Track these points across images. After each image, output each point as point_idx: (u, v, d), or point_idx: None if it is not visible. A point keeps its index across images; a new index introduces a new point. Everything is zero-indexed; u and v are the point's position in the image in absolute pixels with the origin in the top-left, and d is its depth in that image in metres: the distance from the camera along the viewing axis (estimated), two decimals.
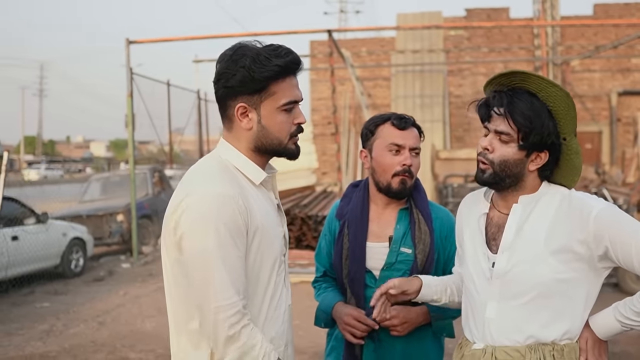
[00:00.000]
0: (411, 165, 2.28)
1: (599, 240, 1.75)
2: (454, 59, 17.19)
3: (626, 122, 16.70)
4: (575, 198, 1.83)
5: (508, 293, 1.83)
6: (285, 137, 1.81)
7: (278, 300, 1.82)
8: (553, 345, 1.80)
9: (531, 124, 1.76)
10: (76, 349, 6.06)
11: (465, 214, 2.05)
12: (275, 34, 10.93)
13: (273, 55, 1.73)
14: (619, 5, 16.50)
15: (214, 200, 1.65)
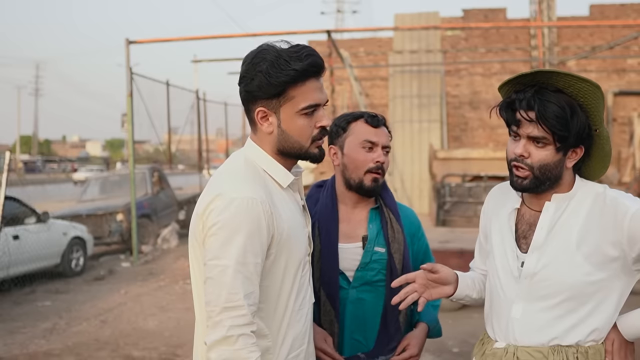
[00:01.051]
0: (383, 163, 2.27)
1: (633, 242, 1.69)
2: (451, 59, 17.23)
3: (622, 122, 16.75)
4: (609, 197, 1.76)
5: (536, 294, 1.78)
6: (306, 141, 1.80)
7: (303, 299, 1.85)
8: (577, 347, 1.75)
9: (567, 125, 1.69)
10: (79, 347, 6.11)
11: (494, 207, 1.98)
12: (274, 34, 10.98)
13: (293, 59, 1.72)
14: (614, 6, 16.54)
15: (241, 204, 1.67)
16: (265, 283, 1.73)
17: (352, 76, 13.29)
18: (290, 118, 1.77)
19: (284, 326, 1.78)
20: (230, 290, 1.63)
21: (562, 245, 1.76)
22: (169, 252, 12.00)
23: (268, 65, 1.71)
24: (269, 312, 1.76)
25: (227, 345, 1.62)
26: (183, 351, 5.91)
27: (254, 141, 1.85)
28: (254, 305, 1.67)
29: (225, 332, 1.62)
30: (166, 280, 9.29)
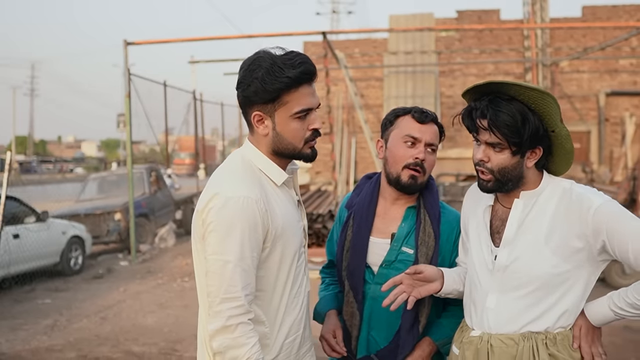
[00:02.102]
0: (424, 160, 2.19)
1: (597, 234, 1.80)
2: (445, 60, 17.41)
3: (614, 122, 16.95)
4: (575, 192, 1.87)
5: (508, 286, 1.90)
6: (299, 142, 1.91)
7: (298, 287, 1.99)
8: (546, 333, 1.87)
9: (518, 132, 1.81)
10: (81, 342, 6.24)
11: (471, 205, 2.11)
12: (270, 35, 11.13)
13: (287, 66, 1.82)
14: (606, 8, 16.74)
15: (237, 203, 1.79)
16: (261, 273, 1.87)
17: (347, 77, 13.43)
18: (284, 121, 1.88)
19: (281, 313, 1.93)
20: (230, 283, 1.77)
21: (531, 239, 1.88)
22: (166, 251, 12.13)
23: (264, 73, 1.82)
24: (266, 300, 1.90)
25: (227, 333, 1.77)
26: (182, 346, 6.05)
27: (251, 142, 1.98)
28: (250, 294, 1.81)
29: (224, 322, 1.77)
30: (164, 279, 9.42)
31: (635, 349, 5.77)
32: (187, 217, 14.98)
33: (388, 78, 17.34)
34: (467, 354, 1.95)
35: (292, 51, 1.88)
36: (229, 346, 1.77)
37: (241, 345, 1.76)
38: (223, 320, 1.77)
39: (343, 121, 17.47)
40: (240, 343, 1.76)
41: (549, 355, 1.85)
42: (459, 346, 2.01)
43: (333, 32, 13.00)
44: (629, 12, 16.61)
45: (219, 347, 1.78)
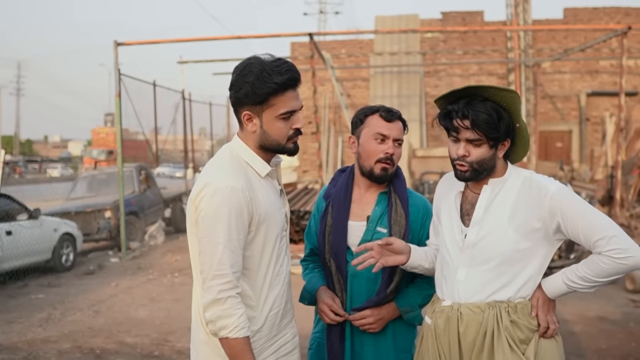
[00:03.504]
0: (393, 154, 2.49)
1: (553, 216, 2.07)
2: (430, 60, 17.68)
3: (595, 121, 17.31)
4: (535, 180, 2.14)
5: (476, 260, 2.15)
6: (283, 139, 2.16)
7: (280, 266, 2.24)
8: (508, 302, 2.11)
9: (496, 128, 2.07)
10: (75, 334, 6.43)
11: (443, 191, 2.36)
12: (258, 37, 11.36)
13: (274, 73, 2.06)
14: (587, 10, 17.10)
15: (225, 192, 2.04)
16: (247, 254, 2.12)
17: (333, 77, 13.67)
18: (270, 121, 2.13)
19: (265, 289, 2.19)
20: (219, 262, 2.03)
21: (497, 220, 2.14)
22: (156, 248, 12.31)
23: (254, 78, 2.06)
24: (252, 277, 2.16)
25: (218, 305, 2.02)
26: (174, 337, 6.27)
27: (239, 137, 2.22)
28: (237, 272, 2.06)
29: (215, 295, 2.02)
30: (155, 274, 9.62)
31: (607, 337, 6.05)
32: (176, 215, 15.17)
33: (374, 78, 17.62)
34: (439, 322, 2.19)
35: (279, 58, 2.13)
36: (219, 316, 2.02)
37: (230, 315, 2.01)
38: (214, 294, 2.02)
39: (329, 121, 17.72)
40: (229, 314, 2.02)
41: (510, 321, 2.10)
42: (431, 316, 2.26)
43: (320, 33, 13.25)
44: (609, 14, 16.98)
45: (211, 317, 2.02)
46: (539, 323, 2.13)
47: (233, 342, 2.03)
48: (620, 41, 10.64)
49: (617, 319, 6.71)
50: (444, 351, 2.19)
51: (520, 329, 2.11)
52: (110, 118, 39.68)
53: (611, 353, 5.60)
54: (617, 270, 2.04)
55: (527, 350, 2.10)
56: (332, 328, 2.52)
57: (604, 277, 2.07)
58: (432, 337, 2.22)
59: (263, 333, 2.20)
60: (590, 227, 2.04)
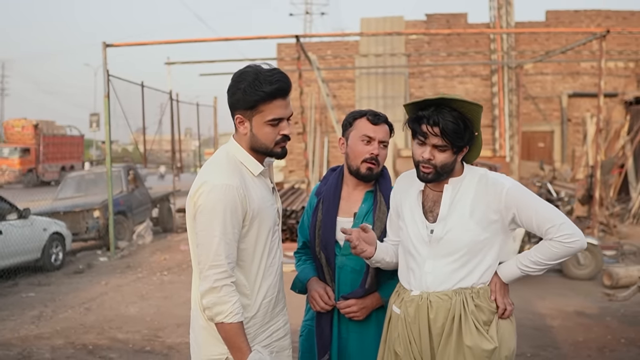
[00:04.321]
0: (378, 155, 2.68)
1: (508, 209, 2.32)
2: (414, 62, 17.89)
3: (576, 122, 17.62)
4: (490, 178, 2.37)
5: (442, 253, 2.34)
6: (271, 143, 2.35)
7: (273, 258, 2.44)
8: (472, 289, 2.33)
9: (461, 136, 2.28)
10: (67, 330, 6.56)
11: (403, 190, 2.53)
12: (245, 38, 11.52)
13: (265, 82, 2.24)
14: (569, 12, 17.40)
15: (221, 189, 2.23)
16: (242, 246, 2.31)
17: (319, 78, 13.84)
18: (259, 126, 2.31)
19: (259, 279, 2.38)
20: (215, 253, 2.21)
21: (460, 215, 2.34)
22: (144, 247, 12.42)
23: (246, 85, 2.26)
24: (246, 267, 2.35)
25: (214, 293, 2.21)
26: (164, 333, 6.42)
27: (235, 139, 2.41)
28: (232, 262, 2.25)
29: (212, 284, 2.21)
30: (144, 273, 9.75)
31: (584, 330, 6.27)
32: (164, 215, 15.28)
33: (359, 79, 17.82)
34: (409, 311, 2.37)
35: (274, 69, 2.32)
36: (215, 303, 2.21)
37: (225, 302, 2.20)
38: (211, 283, 2.21)
39: (316, 121, 17.89)
40: (224, 300, 2.21)
41: (475, 306, 2.31)
42: (399, 305, 2.44)
43: (306, 35, 13.39)
44: (590, 17, 17.30)
45: (208, 304, 2.22)
46: (497, 306, 2.35)
47: (228, 326, 2.21)
48: (600, 44, 10.92)
49: (594, 313, 6.94)
50: (414, 337, 2.36)
51: (483, 312, 2.32)
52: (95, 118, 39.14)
53: (587, 345, 5.81)
54: (566, 253, 2.31)
55: (490, 330, 2.31)
56: (322, 316, 2.71)
57: (554, 260, 2.33)
58: (403, 325, 2.39)
59: (257, 319, 2.39)
60: (542, 217, 2.30)
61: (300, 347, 2.90)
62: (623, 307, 7.00)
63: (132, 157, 27.45)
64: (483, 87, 17.69)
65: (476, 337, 2.28)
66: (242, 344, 2.23)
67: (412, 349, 2.37)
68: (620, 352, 5.62)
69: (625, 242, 11.16)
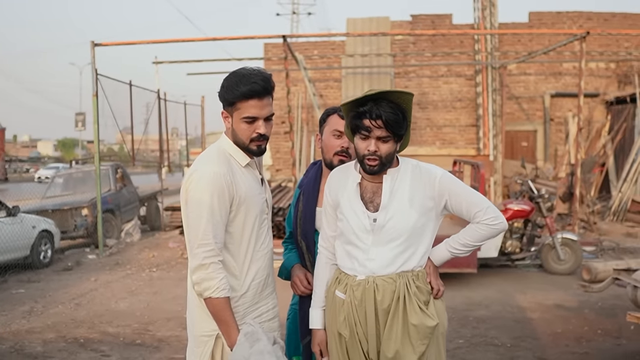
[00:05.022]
0: (348, 148, 2.85)
1: (441, 196, 2.51)
2: (400, 62, 18.08)
3: (558, 121, 17.89)
4: (423, 168, 2.56)
5: (385, 239, 2.49)
6: (246, 139, 2.55)
7: (262, 244, 2.65)
8: (412, 271, 2.51)
9: (401, 126, 2.44)
10: (58, 325, 6.68)
11: (338, 184, 2.64)
12: (232, 38, 11.66)
13: (242, 83, 2.47)
14: (551, 14, 17.64)
15: (210, 176, 2.46)
16: (230, 230, 2.53)
17: (306, 78, 14.01)
18: (237, 122, 2.54)
19: (247, 261, 2.59)
20: (204, 233, 2.42)
21: (400, 203, 2.51)
22: (132, 245, 12.53)
23: (228, 84, 2.51)
24: (235, 250, 2.56)
25: (202, 269, 2.42)
26: (154, 327, 6.56)
27: (225, 134, 2.64)
28: (219, 242, 2.46)
29: (200, 261, 2.42)
30: (133, 269, 9.87)
31: (562, 322, 6.48)
32: (151, 214, 15.38)
33: (346, 79, 17.98)
34: (356, 294, 2.52)
35: (257, 71, 2.55)
36: (204, 279, 2.42)
37: (212, 278, 2.41)
38: (199, 260, 2.42)
39: (302, 120, 18.04)
40: (212, 277, 2.41)
41: (416, 287, 2.50)
42: (343, 290, 2.57)
43: (293, 35, 13.56)
44: (572, 18, 17.56)
45: (197, 280, 2.43)
46: (432, 287, 2.56)
47: (215, 301, 2.42)
48: (580, 45, 11.17)
49: (573, 306, 7.17)
50: (359, 319, 2.52)
51: (423, 293, 2.52)
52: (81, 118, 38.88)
53: (565, 336, 6.03)
54: (491, 234, 2.56)
55: (429, 309, 2.52)
56: (304, 299, 2.88)
57: (480, 241, 2.57)
58: (349, 309, 2.54)
59: (247, 299, 2.59)
60: (470, 202, 2.53)
61: (286, 329, 3.08)
62: (601, 300, 7.23)
63: (119, 156, 27.46)
64: (467, 87, 17.91)
65: (420, 315, 2.47)
66: (228, 318, 2.43)
67: (357, 331, 2.53)
68: (597, 342, 5.84)
69: (604, 238, 11.45)
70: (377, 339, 2.51)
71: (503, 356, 5.49)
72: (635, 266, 5.58)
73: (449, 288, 8.52)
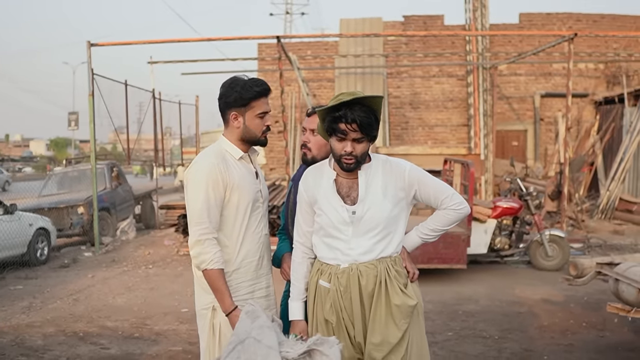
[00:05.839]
0: (308, 142, 3.14)
1: (411, 187, 2.76)
2: (392, 62, 18.25)
3: (548, 121, 18.12)
4: (393, 162, 2.79)
5: (364, 230, 2.71)
6: (259, 132, 3.00)
7: (256, 227, 3.02)
8: (390, 257, 2.74)
9: (372, 127, 2.63)
10: (58, 319, 6.82)
11: (314, 182, 2.83)
12: (227, 39, 11.82)
13: (254, 85, 2.91)
14: (541, 15, 17.87)
15: (205, 166, 2.87)
16: (225, 213, 2.91)
17: (299, 78, 14.17)
18: (251, 119, 2.96)
19: (239, 241, 2.96)
20: (200, 214, 2.82)
21: (374, 196, 2.73)
22: (128, 242, 12.66)
23: (240, 88, 2.91)
24: (228, 231, 2.93)
25: (199, 245, 2.80)
26: (152, 321, 6.71)
27: (224, 135, 3.02)
28: (214, 222, 2.84)
29: (197, 237, 2.81)
30: (129, 266, 10.01)
31: (549, 316, 6.67)
32: (146, 212, 15.50)
33: (339, 79, 18.14)
34: (341, 281, 2.72)
35: (255, 77, 2.99)
36: (200, 252, 2.80)
37: (207, 252, 2.79)
38: (196, 236, 2.81)
39: (296, 120, 18.19)
40: (206, 251, 2.79)
41: (396, 271, 2.74)
42: (327, 280, 2.77)
43: (287, 36, 13.72)
44: (562, 19, 17.80)
45: (194, 254, 2.81)
46: (407, 271, 2.80)
47: (210, 272, 2.80)
48: (569, 46, 11.38)
49: (559, 300, 7.36)
50: (345, 306, 2.72)
51: (401, 277, 2.76)
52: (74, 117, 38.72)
53: (551, 329, 6.22)
54: (457, 218, 2.84)
55: (408, 291, 2.75)
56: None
57: (448, 226, 2.85)
58: (334, 296, 2.74)
59: (239, 274, 2.96)
60: (437, 190, 2.80)
61: (281, 313, 3.24)
62: (586, 294, 7.43)
63: (114, 155, 27.53)
64: (459, 87, 18.12)
65: (402, 296, 2.71)
66: (222, 287, 2.80)
67: (343, 316, 2.74)
68: (581, 334, 6.03)
69: (592, 235, 11.67)
70: (363, 323, 2.73)
71: (491, 348, 5.67)
72: (618, 261, 5.78)
73: (439, 283, 8.69)
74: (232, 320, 2.76)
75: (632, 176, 14.74)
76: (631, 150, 14.45)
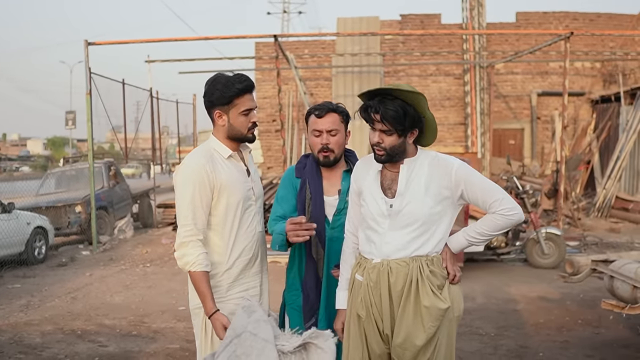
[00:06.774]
0: (329, 144, 3.06)
1: (457, 186, 2.62)
2: (389, 61, 18.28)
3: (545, 120, 18.17)
4: (441, 158, 2.68)
5: (400, 224, 2.63)
6: (244, 130, 2.92)
7: (248, 226, 2.97)
8: (427, 256, 2.62)
9: (401, 121, 2.54)
10: (56, 317, 6.84)
11: (361, 173, 2.82)
12: (224, 38, 11.84)
13: (236, 82, 2.84)
14: (538, 14, 17.92)
15: (191, 167, 2.83)
16: (214, 213, 2.87)
17: (297, 76, 14.21)
18: (235, 116, 2.89)
19: (232, 241, 2.91)
20: (184, 215, 2.80)
21: (415, 190, 2.64)
22: (125, 241, 12.68)
23: (222, 86, 2.85)
24: (219, 231, 2.89)
25: (183, 247, 2.79)
26: (150, 319, 6.73)
27: (213, 134, 2.98)
28: (199, 224, 2.80)
29: (182, 239, 2.79)
30: (127, 265, 10.02)
31: (545, 313, 6.70)
32: (144, 211, 15.50)
33: (336, 78, 18.16)
34: (371, 276, 2.70)
35: (239, 73, 2.93)
36: (184, 254, 2.78)
37: (190, 254, 2.76)
38: (181, 238, 2.79)
39: (293, 119, 18.21)
40: (190, 253, 2.76)
41: (430, 271, 2.64)
42: (362, 274, 2.75)
43: (284, 35, 13.72)
44: (559, 18, 17.85)
45: (179, 255, 2.80)
46: (448, 272, 2.70)
47: (193, 274, 2.78)
48: (565, 45, 11.42)
49: (555, 298, 7.40)
50: (374, 301, 2.69)
51: (436, 277, 2.63)
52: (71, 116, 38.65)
53: (547, 326, 6.26)
54: (507, 224, 2.66)
55: (443, 293, 2.65)
56: (307, 283, 3.08)
57: (496, 231, 2.68)
58: (365, 291, 2.71)
59: (232, 273, 2.93)
60: (486, 193, 2.64)
61: (288, 314, 3.23)
62: (582, 292, 7.46)
63: (111, 154, 27.53)
64: (456, 86, 18.16)
65: (432, 298, 2.59)
66: (204, 289, 2.76)
67: (373, 311, 2.69)
68: (577, 331, 6.07)
69: (588, 233, 11.71)
70: (392, 319, 2.67)
71: (487, 345, 5.70)
72: (613, 258, 5.81)
73: None
74: (214, 323, 2.75)
75: (628, 174, 14.79)
76: (627, 148, 14.50)
